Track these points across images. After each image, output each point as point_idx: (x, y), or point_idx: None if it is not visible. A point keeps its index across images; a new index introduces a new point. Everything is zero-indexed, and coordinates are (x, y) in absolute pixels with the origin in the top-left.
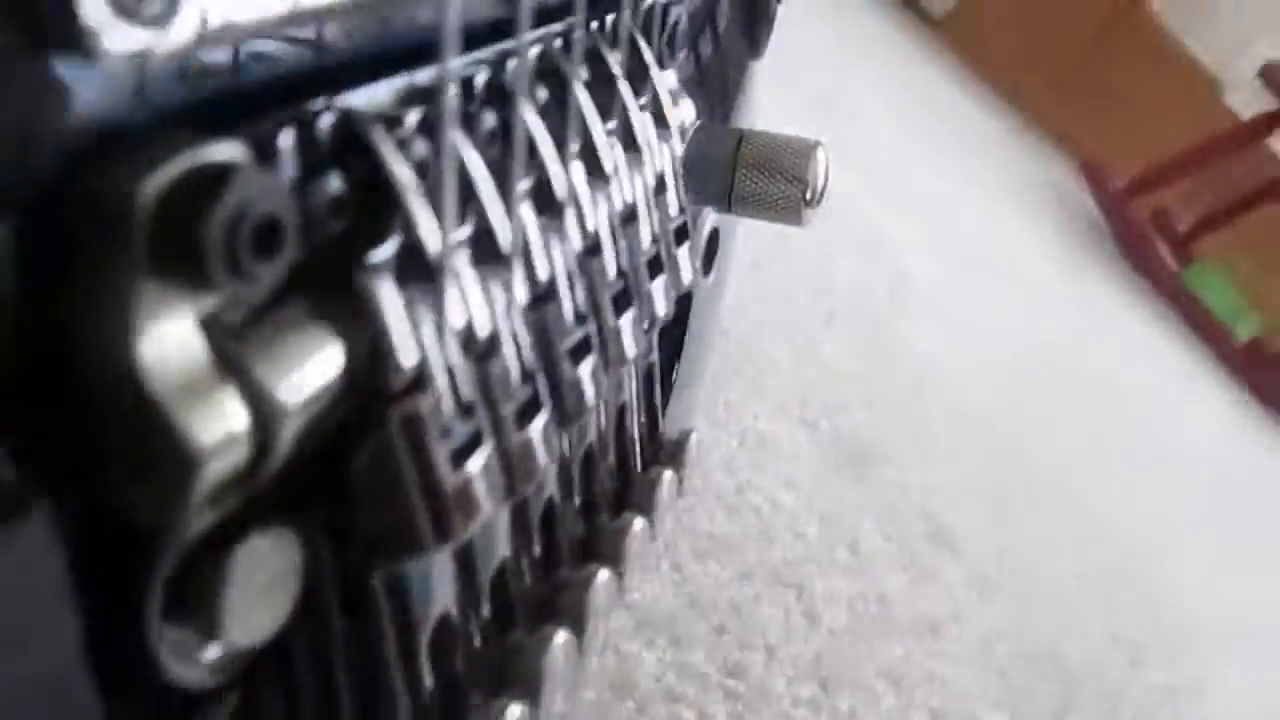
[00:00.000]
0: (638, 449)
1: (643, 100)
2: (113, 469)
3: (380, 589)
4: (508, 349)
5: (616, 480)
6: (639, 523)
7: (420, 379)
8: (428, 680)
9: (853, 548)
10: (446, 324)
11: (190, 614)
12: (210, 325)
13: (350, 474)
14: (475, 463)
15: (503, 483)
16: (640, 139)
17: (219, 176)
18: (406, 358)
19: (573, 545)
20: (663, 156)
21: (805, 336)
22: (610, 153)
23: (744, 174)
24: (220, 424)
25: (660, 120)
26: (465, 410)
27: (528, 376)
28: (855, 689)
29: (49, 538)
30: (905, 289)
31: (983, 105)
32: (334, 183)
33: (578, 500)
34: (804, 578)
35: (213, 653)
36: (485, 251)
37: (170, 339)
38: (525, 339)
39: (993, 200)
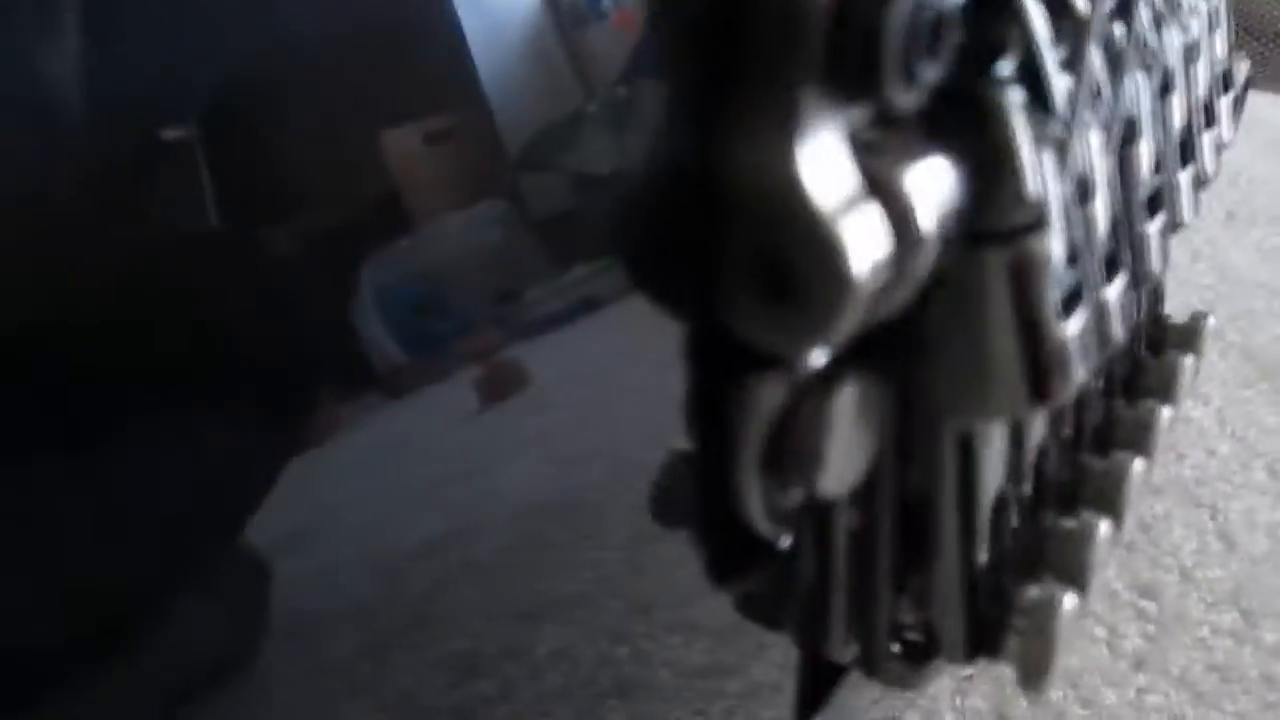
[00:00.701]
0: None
1: None
2: (748, 290)
3: (949, 450)
4: (1101, 194)
5: (1129, 363)
6: (1165, 412)
7: (1038, 216)
8: (981, 553)
9: (1271, 470)
10: (1071, 155)
11: (783, 457)
12: (856, 138)
13: (939, 319)
14: (1077, 320)
15: (1094, 345)
16: None
17: None
18: (1031, 189)
19: (1094, 429)
20: None
21: (1203, 236)
22: None
23: None
24: (872, 248)
25: None
26: (1070, 259)
27: (1111, 228)
28: None
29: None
30: None
31: None
32: None
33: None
34: (1218, 498)
35: (788, 500)
36: (1079, 75)
37: (827, 150)
38: (1114, 184)
39: None
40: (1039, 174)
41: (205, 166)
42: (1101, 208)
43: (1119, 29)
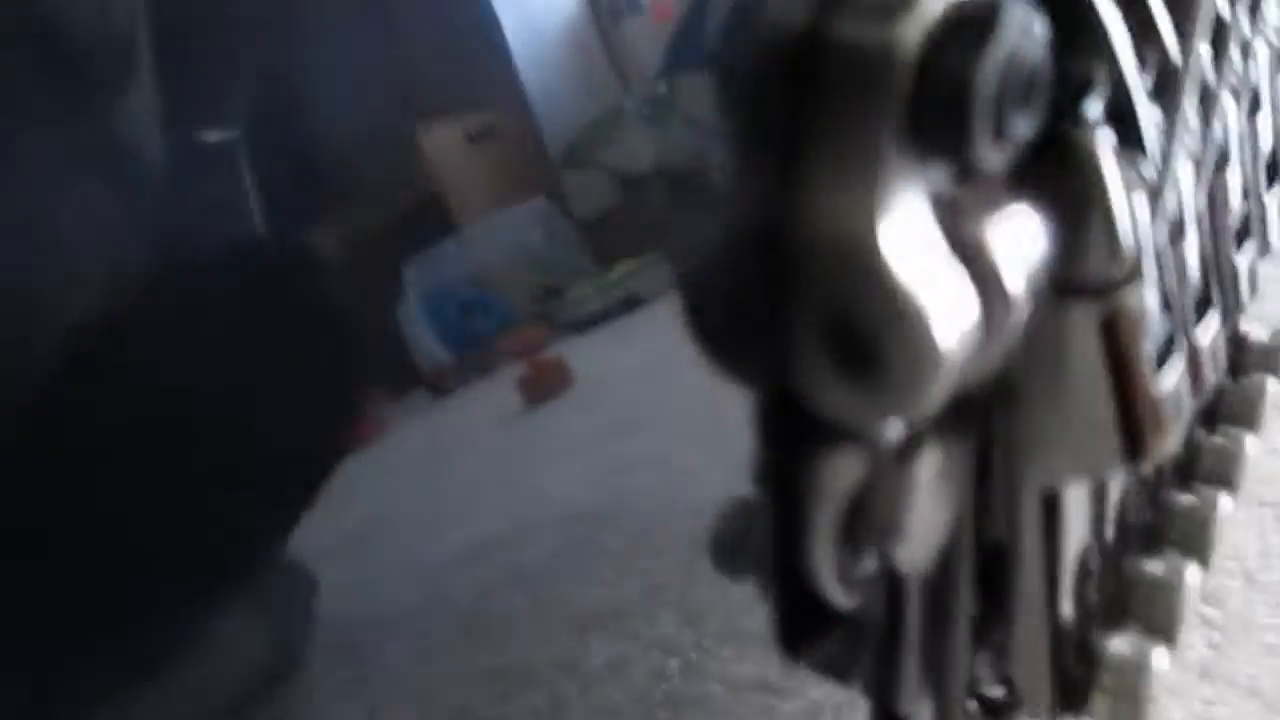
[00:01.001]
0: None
1: None
2: (824, 360)
3: (1032, 507)
4: (1192, 232)
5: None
6: (1249, 441)
7: (1132, 269)
8: (1065, 607)
9: None
10: (1164, 196)
11: (860, 528)
12: (938, 198)
13: (1023, 373)
14: (1172, 371)
15: (1189, 395)
16: None
17: (983, 17)
18: (1125, 241)
19: (1175, 461)
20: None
21: None
22: None
23: None
24: (959, 315)
25: None
26: (1162, 305)
27: (1202, 265)
28: None
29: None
30: None
31: None
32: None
33: None
34: None
35: (864, 568)
36: (1169, 108)
37: (910, 210)
38: (1204, 218)
39: None
40: (1132, 222)
41: (249, 170)
42: (1193, 246)
43: (1208, 55)
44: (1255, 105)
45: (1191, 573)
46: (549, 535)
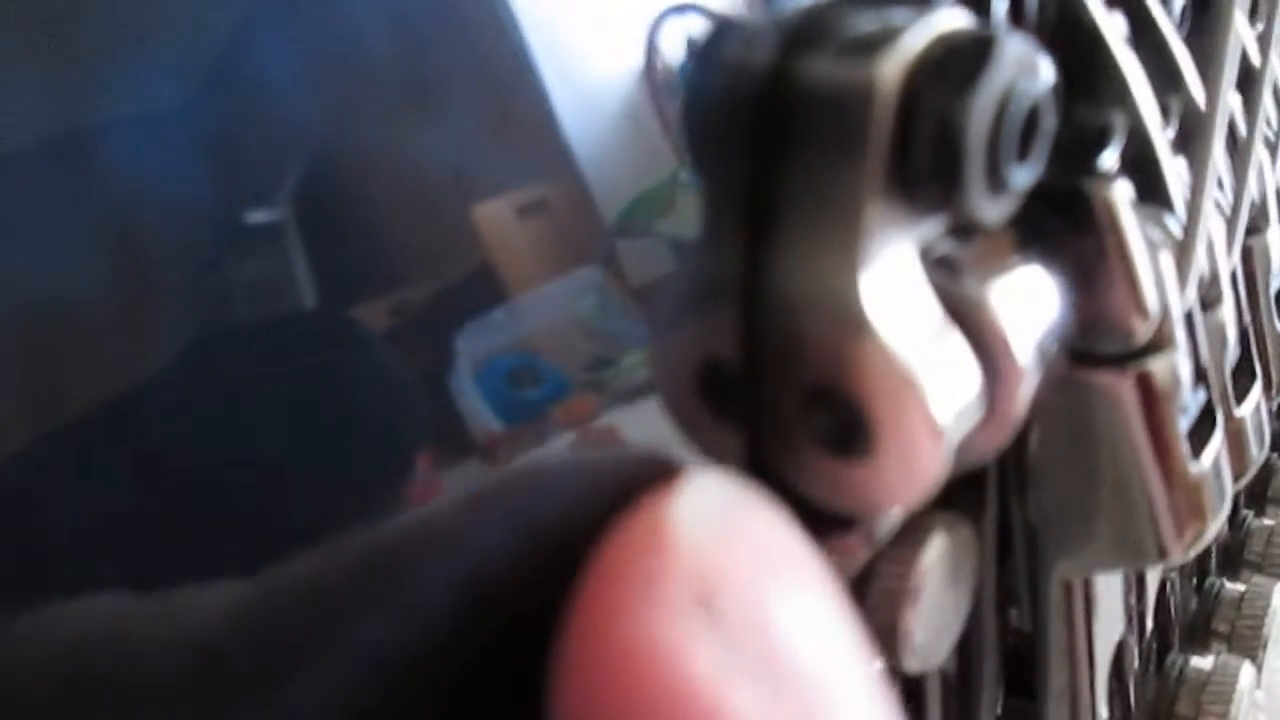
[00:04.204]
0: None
1: None
2: (810, 442)
3: (1058, 597)
4: (1228, 296)
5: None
6: None
7: (1159, 335)
8: (1101, 708)
9: None
10: (1192, 255)
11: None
12: (932, 254)
13: (1042, 450)
14: (1211, 449)
15: (1230, 475)
16: None
17: (973, 51)
18: (1150, 303)
19: (1220, 545)
20: None
21: None
22: None
23: None
24: (958, 388)
25: None
26: (1196, 376)
27: (1240, 333)
28: None
29: None
30: None
31: None
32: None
33: None
34: None
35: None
36: (1195, 159)
37: (899, 274)
38: (1239, 282)
39: None
40: (1158, 283)
41: (301, 246)
42: (1229, 312)
43: (1238, 102)
44: None
45: (1246, 672)
46: None
